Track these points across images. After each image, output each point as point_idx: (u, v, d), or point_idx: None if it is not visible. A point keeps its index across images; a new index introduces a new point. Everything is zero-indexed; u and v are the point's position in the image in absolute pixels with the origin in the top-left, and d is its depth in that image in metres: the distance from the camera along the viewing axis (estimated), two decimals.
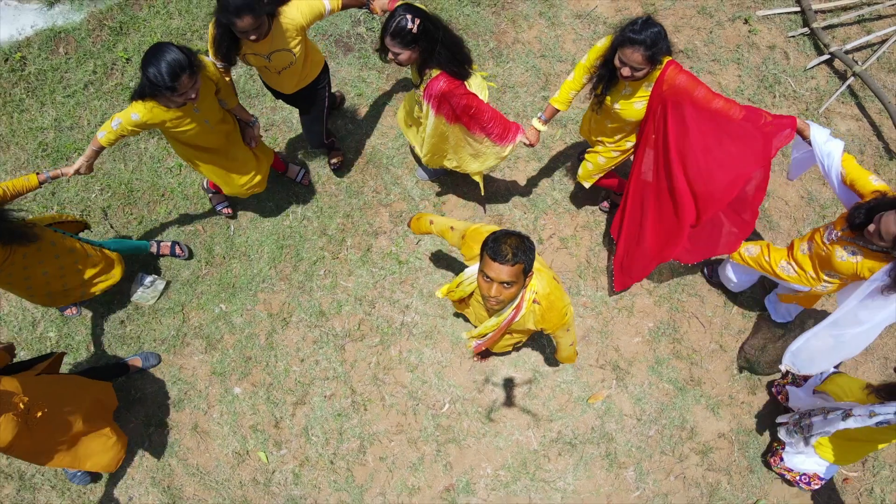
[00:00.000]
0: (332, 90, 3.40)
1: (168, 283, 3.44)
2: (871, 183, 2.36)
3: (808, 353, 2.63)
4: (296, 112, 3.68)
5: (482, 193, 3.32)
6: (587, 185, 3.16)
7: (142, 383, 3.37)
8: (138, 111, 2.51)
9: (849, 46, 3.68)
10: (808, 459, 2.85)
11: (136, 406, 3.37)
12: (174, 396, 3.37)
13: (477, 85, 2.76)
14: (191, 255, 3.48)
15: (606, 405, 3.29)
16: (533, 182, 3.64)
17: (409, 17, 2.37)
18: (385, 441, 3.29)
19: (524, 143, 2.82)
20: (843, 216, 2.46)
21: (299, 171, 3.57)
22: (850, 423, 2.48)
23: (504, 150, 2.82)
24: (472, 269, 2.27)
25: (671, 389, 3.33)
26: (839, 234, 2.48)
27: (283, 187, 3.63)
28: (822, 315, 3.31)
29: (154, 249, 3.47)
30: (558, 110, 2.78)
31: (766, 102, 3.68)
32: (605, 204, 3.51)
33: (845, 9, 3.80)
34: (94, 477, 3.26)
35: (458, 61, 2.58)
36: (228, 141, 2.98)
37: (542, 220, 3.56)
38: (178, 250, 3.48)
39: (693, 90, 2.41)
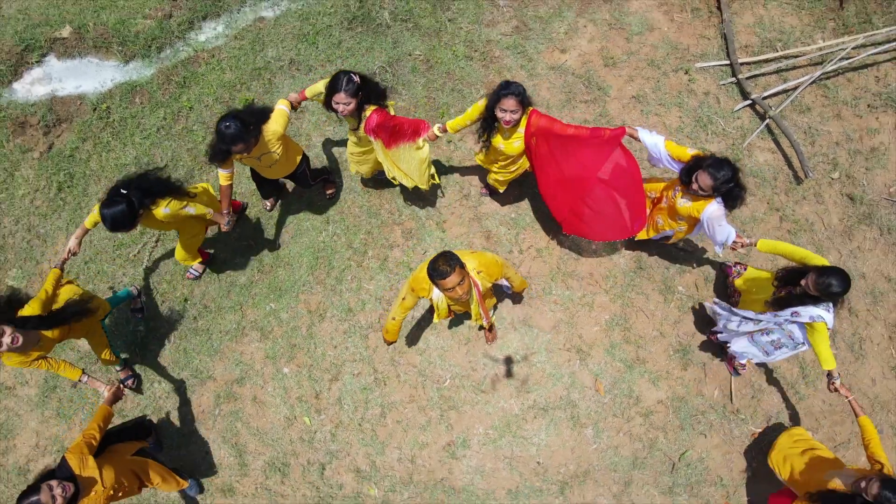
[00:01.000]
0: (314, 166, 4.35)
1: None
2: (688, 152, 3.42)
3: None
4: None
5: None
6: (501, 190, 4.24)
7: (212, 366, 4.29)
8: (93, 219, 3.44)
9: (767, 93, 4.54)
10: (740, 340, 3.83)
11: (207, 383, 4.29)
12: (237, 375, 4.29)
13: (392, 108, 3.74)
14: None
15: (571, 379, 4.22)
16: (515, 206, 4.53)
17: (351, 74, 3.31)
18: (400, 408, 4.22)
19: (427, 139, 3.70)
20: (677, 179, 3.54)
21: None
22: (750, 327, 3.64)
23: (421, 148, 3.70)
24: (435, 296, 3.24)
25: (622, 367, 4.24)
26: (677, 189, 3.56)
27: (319, 210, 4.52)
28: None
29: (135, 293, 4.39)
30: (447, 130, 3.66)
31: (701, 138, 4.56)
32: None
33: (766, 61, 4.66)
34: (180, 443, 4.23)
35: (380, 96, 3.52)
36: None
37: (521, 235, 4.45)
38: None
39: (552, 126, 3.42)
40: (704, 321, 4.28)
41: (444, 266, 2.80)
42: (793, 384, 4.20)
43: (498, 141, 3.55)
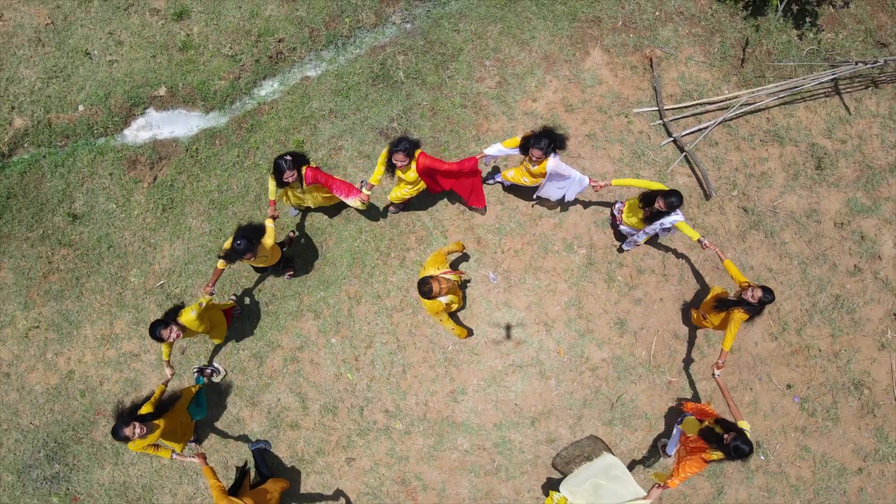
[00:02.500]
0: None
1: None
2: (517, 140, 4.88)
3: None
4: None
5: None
6: (398, 201, 5.60)
7: (280, 338, 5.84)
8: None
9: (685, 132, 6.00)
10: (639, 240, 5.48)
11: (277, 350, 5.84)
12: (298, 344, 5.84)
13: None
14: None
15: (539, 345, 5.77)
16: (498, 219, 6.01)
17: (286, 157, 4.73)
18: (416, 367, 5.77)
19: (362, 202, 5.12)
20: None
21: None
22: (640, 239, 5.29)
23: (351, 201, 5.11)
24: (444, 300, 4.70)
25: (576, 335, 5.78)
26: (527, 162, 5.13)
27: (353, 224, 6.02)
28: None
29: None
30: (373, 186, 5.10)
31: (637, 166, 6.03)
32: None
33: (685, 107, 6.12)
34: (260, 393, 5.82)
35: (304, 160, 4.90)
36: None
37: (503, 240, 5.96)
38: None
39: (433, 163, 4.92)
40: (636, 302, 5.82)
41: (424, 289, 4.35)
42: (699, 347, 5.76)
43: (399, 173, 5.05)
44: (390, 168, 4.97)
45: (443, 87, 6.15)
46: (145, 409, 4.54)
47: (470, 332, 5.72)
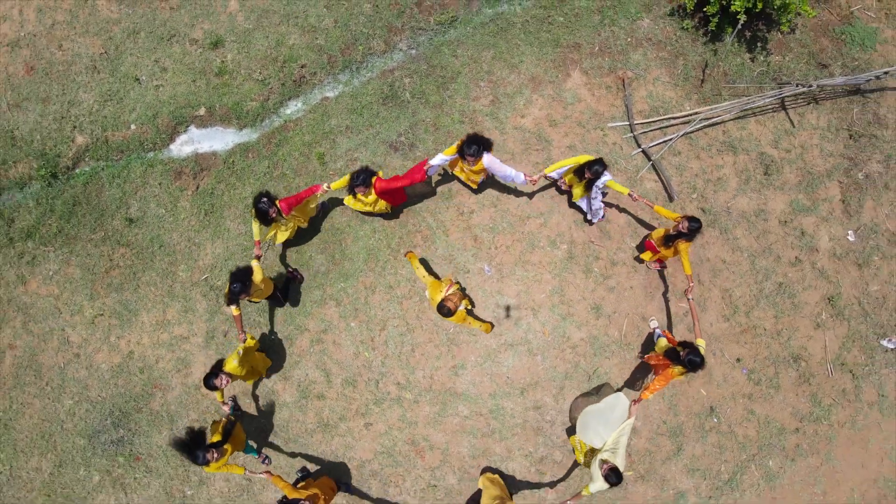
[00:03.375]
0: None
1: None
2: (453, 148, 5.74)
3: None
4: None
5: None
6: (354, 208, 6.50)
7: (306, 323, 6.81)
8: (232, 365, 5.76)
9: (652, 144, 6.93)
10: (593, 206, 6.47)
11: (304, 333, 6.82)
12: (322, 328, 6.82)
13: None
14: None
15: (528, 326, 6.75)
16: (491, 220, 6.95)
17: (262, 197, 5.73)
18: (423, 346, 6.76)
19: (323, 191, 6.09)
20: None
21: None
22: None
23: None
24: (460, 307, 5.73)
25: (559, 318, 6.75)
26: (465, 163, 5.94)
27: (368, 224, 6.97)
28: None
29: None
30: (330, 188, 6.02)
31: (611, 172, 6.94)
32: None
33: (653, 122, 7.04)
34: (292, 368, 6.82)
35: (273, 198, 5.86)
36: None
37: (496, 238, 6.91)
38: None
39: (389, 185, 5.88)
40: (610, 290, 6.80)
41: (444, 312, 5.28)
42: (662, 326, 6.75)
43: (360, 197, 6.03)
44: (351, 192, 5.95)
45: (444, 105, 7.07)
46: (215, 438, 5.49)
47: (492, 325, 6.71)
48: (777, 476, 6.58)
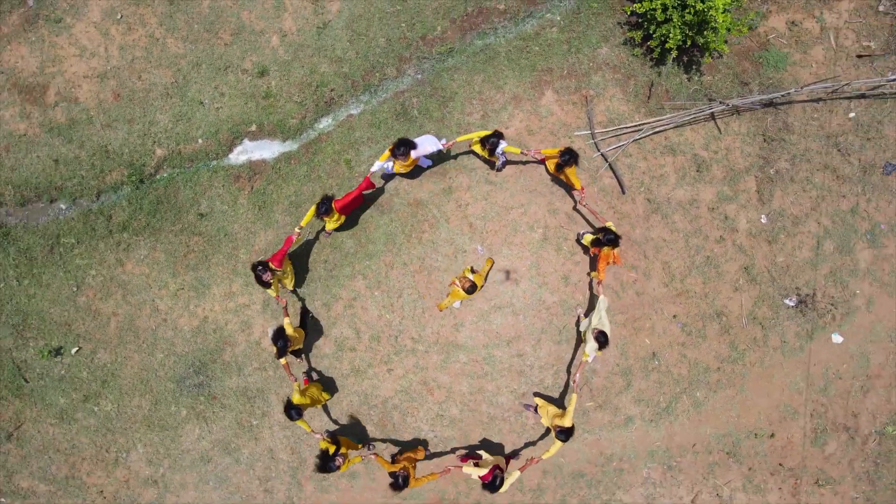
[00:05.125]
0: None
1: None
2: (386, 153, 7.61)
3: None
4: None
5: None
6: (330, 230, 8.36)
7: (339, 293, 8.67)
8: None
9: (609, 148, 8.69)
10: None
11: (338, 301, 8.67)
12: (352, 296, 8.65)
13: None
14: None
15: (512, 292, 8.62)
16: (483, 210, 8.74)
17: (258, 267, 7.60)
18: (431, 309, 8.58)
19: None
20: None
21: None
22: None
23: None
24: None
25: (536, 287, 8.52)
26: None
27: (387, 215, 8.79)
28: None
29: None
30: (303, 227, 7.72)
31: (581, 179, 8.74)
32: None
33: (609, 130, 8.80)
34: (329, 328, 8.73)
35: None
36: None
37: (487, 224, 8.66)
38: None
39: (344, 201, 7.69)
40: (575, 264, 8.65)
41: (474, 291, 7.28)
42: (610, 287, 8.61)
43: (328, 220, 7.82)
44: (319, 216, 7.71)
45: (444, 119, 8.81)
46: (332, 449, 7.24)
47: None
48: (702, 404, 8.52)
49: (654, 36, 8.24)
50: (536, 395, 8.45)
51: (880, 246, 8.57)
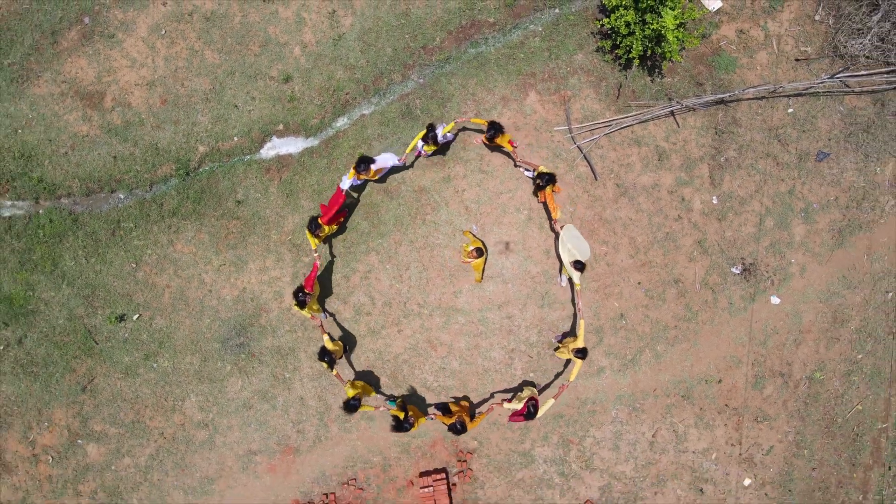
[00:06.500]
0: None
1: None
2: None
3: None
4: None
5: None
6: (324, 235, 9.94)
7: (356, 266, 10.22)
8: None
9: (584, 141, 10.15)
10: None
11: (356, 273, 10.21)
12: (367, 269, 10.12)
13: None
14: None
15: (503, 264, 10.16)
16: (477, 195, 10.24)
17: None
18: (434, 279, 10.11)
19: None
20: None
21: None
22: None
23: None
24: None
25: (522, 259, 10.04)
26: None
27: (395, 199, 10.28)
28: None
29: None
30: (316, 254, 9.52)
31: (556, 161, 10.17)
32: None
33: (584, 126, 10.24)
34: (348, 297, 10.30)
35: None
36: None
37: (481, 207, 10.16)
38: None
39: (329, 213, 9.09)
40: (555, 239, 10.16)
41: (480, 255, 8.86)
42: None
43: (320, 233, 9.19)
44: (315, 235, 9.09)
45: (443, 118, 10.20)
46: (401, 415, 8.85)
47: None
48: (662, 356, 10.11)
49: (620, 46, 9.66)
50: (558, 341, 10.02)
51: (813, 222, 10.09)
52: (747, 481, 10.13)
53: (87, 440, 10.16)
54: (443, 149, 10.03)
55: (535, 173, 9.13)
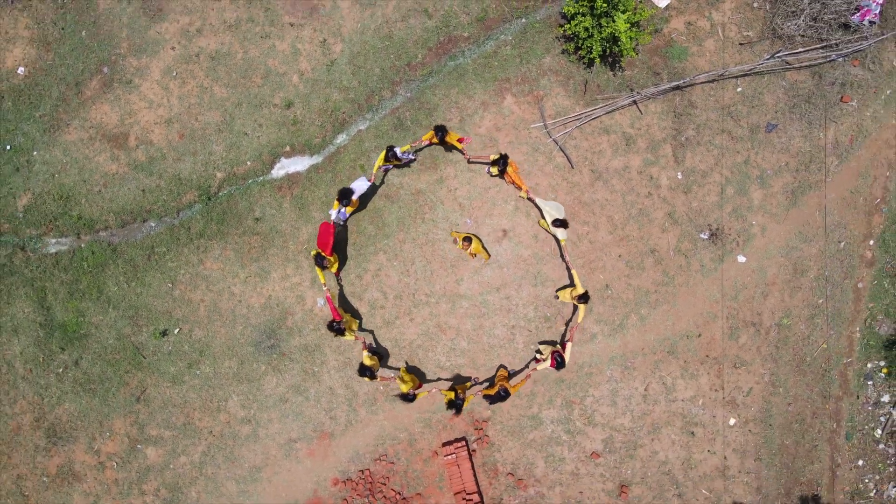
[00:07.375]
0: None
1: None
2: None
3: None
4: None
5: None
6: (332, 271, 11.15)
7: (368, 264, 11.41)
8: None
9: (559, 134, 11.31)
10: None
11: (367, 271, 11.40)
12: (377, 267, 11.29)
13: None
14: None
15: (500, 250, 11.35)
16: (468, 195, 11.44)
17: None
18: (437, 270, 11.30)
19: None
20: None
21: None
22: None
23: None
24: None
25: (514, 246, 11.18)
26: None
27: (397, 201, 11.47)
28: None
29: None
30: (325, 287, 10.67)
31: (535, 155, 11.32)
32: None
33: (557, 120, 11.41)
34: (364, 289, 11.50)
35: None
36: None
37: (473, 202, 11.30)
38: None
39: (326, 243, 10.53)
40: (535, 226, 11.35)
41: (476, 240, 9.94)
42: (571, 240, 11.35)
43: (327, 265, 10.28)
44: (323, 268, 10.14)
45: (431, 126, 11.43)
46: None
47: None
48: (646, 318, 11.32)
49: (582, 47, 10.83)
50: (558, 290, 11.20)
51: (768, 186, 11.30)
52: (732, 421, 11.37)
53: (145, 444, 11.36)
54: (406, 164, 11.23)
55: (491, 162, 10.26)
